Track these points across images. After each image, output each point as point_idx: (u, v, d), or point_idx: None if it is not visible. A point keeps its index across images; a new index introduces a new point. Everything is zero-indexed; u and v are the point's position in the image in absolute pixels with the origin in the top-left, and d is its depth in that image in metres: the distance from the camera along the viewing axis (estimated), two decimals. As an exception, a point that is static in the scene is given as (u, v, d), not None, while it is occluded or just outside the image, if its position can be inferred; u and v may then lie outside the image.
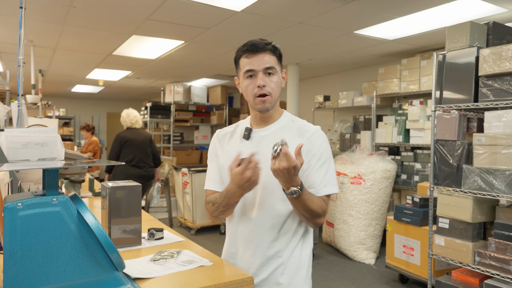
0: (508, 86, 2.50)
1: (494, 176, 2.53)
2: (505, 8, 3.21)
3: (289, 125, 1.41)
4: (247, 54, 1.33)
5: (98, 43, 4.57)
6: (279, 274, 1.38)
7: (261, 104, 1.33)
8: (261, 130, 1.41)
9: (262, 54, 1.32)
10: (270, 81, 1.33)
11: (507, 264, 2.48)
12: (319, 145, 1.36)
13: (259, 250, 1.38)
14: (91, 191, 2.82)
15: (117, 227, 1.57)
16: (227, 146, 1.47)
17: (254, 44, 1.32)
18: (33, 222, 0.99)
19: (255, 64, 1.32)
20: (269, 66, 1.32)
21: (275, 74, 1.34)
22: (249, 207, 1.40)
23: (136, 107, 10.88)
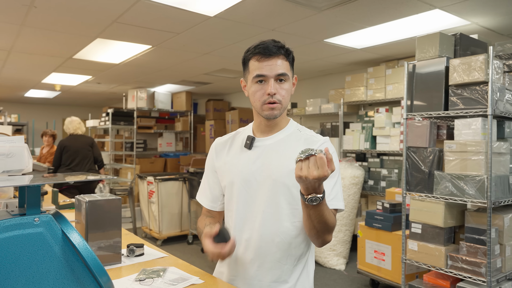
0: (477, 95, 2.60)
1: (465, 181, 2.62)
2: (468, 21, 3.37)
3: (295, 134, 1.32)
4: (258, 57, 1.23)
5: (58, 45, 4.32)
6: None
7: (269, 110, 1.24)
8: (265, 139, 1.31)
9: (275, 58, 1.22)
10: (281, 89, 1.23)
11: (478, 266, 2.56)
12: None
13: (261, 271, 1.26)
14: (55, 204, 2.63)
15: (95, 243, 1.45)
16: (226, 157, 1.36)
17: (267, 47, 1.22)
18: (12, 246, 0.87)
19: (267, 70, 1.22)
20: (282, 72, 1.22)
21: (287, 81, 1.25)
22: (249, 224, 1.28)
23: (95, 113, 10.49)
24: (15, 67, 5.55)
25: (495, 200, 2.55)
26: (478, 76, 2.57)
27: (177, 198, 5.42)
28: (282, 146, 1.28)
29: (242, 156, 1.32)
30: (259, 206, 1.26)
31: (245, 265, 1.28)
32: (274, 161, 1.26)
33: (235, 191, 1.30)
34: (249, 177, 1.27)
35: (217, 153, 1.40)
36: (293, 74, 1.31)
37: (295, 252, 1.26)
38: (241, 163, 1.31)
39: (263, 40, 1.28)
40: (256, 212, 1.26)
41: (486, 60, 2.56)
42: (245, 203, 1.28)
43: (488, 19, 3.33)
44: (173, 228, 5.44)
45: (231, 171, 1.32)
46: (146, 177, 5.50)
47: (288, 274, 1.26)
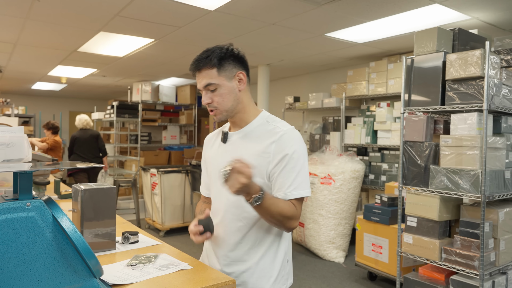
0: (473, 90, 2.62)
1: (460, 176, 2.64)
2: (468, 16, 3.36)
3: (263, 126, 1.40)
4: (193, 73, 1.38)
5: (62, 39, 4.39)
6: (246, 276, 1.39)
7: (214, 116, 1.39)
8: (235, 133, 1.44)
9: (202, 71, 1.34)
10: (215, 96, 1.35)
11: (472, 260, 2.59)
12: (290, 146, 1.31)
13: (223, 251, 1.42)
14: (57, 194, 2.70)
15: (90, 231, 1.51)
16: (210, 151, 1.53)
17: (193, 62, 1.35)
18: (5, 229, 0.92)
19: (198, 83, 1.36)
20: (207, 83, 1.33)
21: (218, 88, 1.34)
22: (219, 210, 1.44)
23: (101, 106, 10.59)
24: (22, 60, 5.63)
25: (490, 195, 2.57)
26: (474, 71, 2.58)
27: (179, 190, 5.49)
28: (247, 139, 1.40)
29: (219, 150, 1.47)
30: (225, 194, 1.35)
31: (216, 245, 1.46)
32: (239, 153, 1.37)
33: (212, 181, 1.48)
34: (218, 169, 1.36)
35: (205, 148, 1.57)
36: (230, 74, 1.35)
37: (255, 235, 1.39)
38: (217, 156, 1.47)
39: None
40: (223, 200, 1.41)
41: (483, 55, 2.56)
42: (216, 191, 1.45)
43: (489, 14, 3.32)
44: (175, 219, 5.51)
45: (211, 164, 1.49)
46: (150, 169, 5.57)
47: (249, 255, 1.39)
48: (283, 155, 1.31)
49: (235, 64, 1.36)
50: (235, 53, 1.36)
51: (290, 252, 1.49)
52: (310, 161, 4.76)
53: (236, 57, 1.37)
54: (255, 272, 1.38)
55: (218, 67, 1.32)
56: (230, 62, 1.34)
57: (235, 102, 1.37)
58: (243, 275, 1.39)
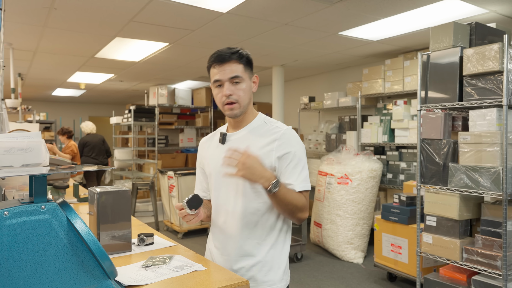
0: (491, 85, 2.55)
1: (480, 173, 2.57)
2: (486, 9, 3.28)
3: (262, 126, 1.47)
4: (214, 64, 1.39)
5: (79, 45, 4.48)
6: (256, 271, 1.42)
7: (229, 111, 1.41)
8: (234, 134, 1.48)
9: (228, 64, 1.37)
10: (236, 89, 1.39)
11: (494, 260, 2.52)
12: (293, 144, 1.41)
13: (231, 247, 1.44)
14: (76, 197, 2.75)
15: (106, 233, 1.53)
16: (207, 152, 1.56)
17: (220, 54, 1.38)
18: (20, 231, 0.95)
19: (221, 74, 1.38)
20: (235, 75, 1.37)
21: (242, 82, 1.40)
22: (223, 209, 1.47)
23: (119, 110, 10.76)
24: (41, 67, 5.78)
25: (511, 192, 2.50)
26: (492, 65, 2.51)
27: (196, 192, 5.52)
28: (247, 139, 1.44)
29: (217, 151, 1.50)
30: (230, 192, 1.44)
31: (223, 243, 1.48)
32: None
33: (212, 182, 1.50)
34: (221, 169, 1.43)
35: (201, 150, 1.61)
36: (251, 75, 1.46)
37: (261, 230, 1.42)
38: (216, 157, 1.49)
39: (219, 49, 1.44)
40: (227, 198, 1.45)
41: (501, 49, 2.50)
42: (219, 191, 1.48)
43: (507, 7, 3.23)
44: (193, 221, 5.54)
45: (209, 165, 1.52)
46: (167, 172, 5.63)
47: (258, 249, 1.42)
48: (286, 152, 1.39)
49: (251, 68, 1.46)
50: (251, 59, 1.47)
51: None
52: (327, 161, 4.72)
53: (252, 63, 1.47)
54: (265, 265, 1.42)
55: (245, 64, 1.41)
56: (249, 64, 1.45)
57: (249, 100, 1.45)
58: (252, 269, 1.42)
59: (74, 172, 5.86)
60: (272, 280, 1.43)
